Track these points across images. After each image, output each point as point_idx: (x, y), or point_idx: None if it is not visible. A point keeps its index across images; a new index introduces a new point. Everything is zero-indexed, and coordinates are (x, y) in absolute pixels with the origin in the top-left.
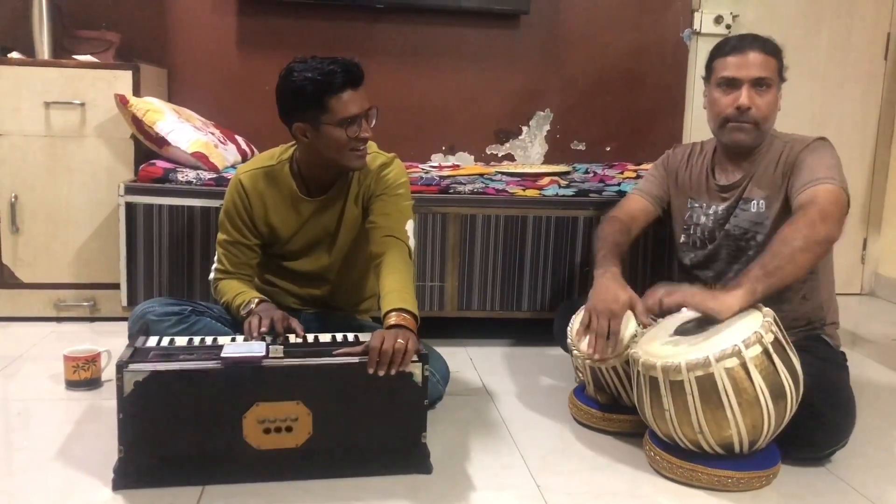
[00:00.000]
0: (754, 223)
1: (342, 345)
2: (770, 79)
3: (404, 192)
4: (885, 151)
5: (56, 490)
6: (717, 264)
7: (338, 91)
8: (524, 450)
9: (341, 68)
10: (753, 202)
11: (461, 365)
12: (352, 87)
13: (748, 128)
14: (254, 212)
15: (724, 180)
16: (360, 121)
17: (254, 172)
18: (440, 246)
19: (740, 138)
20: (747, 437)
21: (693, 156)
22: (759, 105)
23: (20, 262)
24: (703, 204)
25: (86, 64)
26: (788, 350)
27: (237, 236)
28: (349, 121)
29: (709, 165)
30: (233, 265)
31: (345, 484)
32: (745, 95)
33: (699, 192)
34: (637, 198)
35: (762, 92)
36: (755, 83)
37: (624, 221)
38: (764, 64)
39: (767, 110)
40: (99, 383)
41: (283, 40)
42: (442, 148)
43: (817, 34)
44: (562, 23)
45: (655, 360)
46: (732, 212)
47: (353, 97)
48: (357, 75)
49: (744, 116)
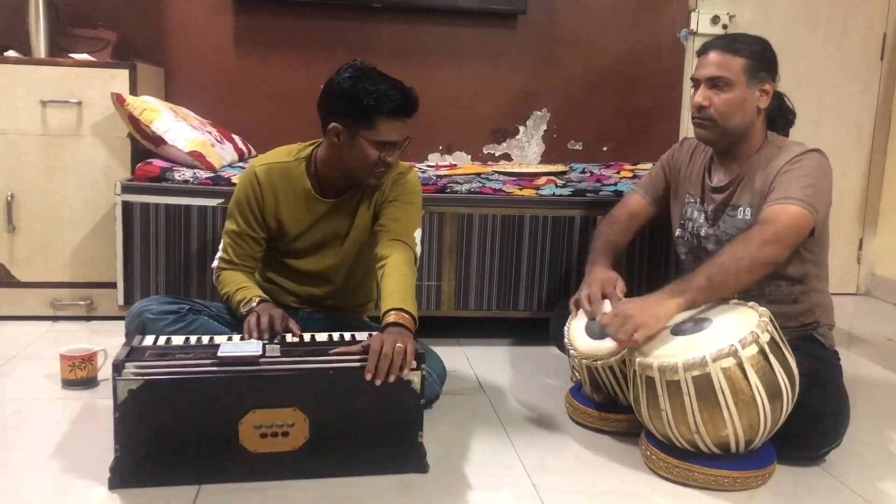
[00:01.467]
0: (741, 230)
1: (339, 344)
2: (727, 78)
3: (417, 201)
4: (881, 152)
5: (52, 489)
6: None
7: (391, 115)
8: (521, 449)
9: (402, 96)
10: (741, 209)
11: (458, 364)
12: (405, 116)
13: (707, 124)
14: (265, 205)
15: (716, 181)
16: (395, 148)
17: (270, 166)
18: (437, 245)
19: (701, 134)
20: (744, 437)
21: (697, 152)
22: (715, 103)
23: (16, 260)
24: (697, 200)
25: (82, 63)
26: (784, 350)
27: (245, 228)
28: (387, 145)
29: (706, 164)
30: (237, 256)
31: (341, 483)
32: (699, 94)
33: (696, 189)
34: (635, 196)
35: (720, 91)
36: (711, 82)
37: (622, 220)
38: (721, 63)
39: (725, 108)
40: (95, 382)
41: (279, 39)
42: (439, 147)
43: (813, 34)
44: (559, 23)
45: (652, 359)
46: (720, 216)
47: (399, 126)
48: (413, 108)
49: (701, 114)
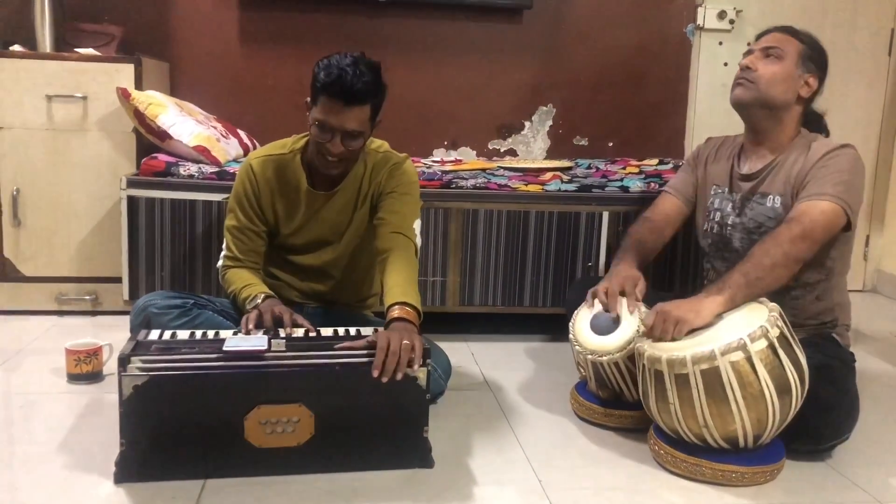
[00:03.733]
0: (769, 218)
1: (344, 339)
2: (780, 50)
3: (414, 192)
4: (889, 148)
5: (58, 483)
6: (731, 255)
7: (329, 95)
8: (526, 445)
9: (339, 76)
10: (770, 197)
11: (463, 360)
12: (341, 101)
13: (749, 85)
14: (262, 197)
15: (746, 168)
16: (334, 134)
17: (265, 159)
18: (442, 241)
19: (739, 94)
20: (752, 432)
21: (724, 147)
22: (762, 69)
23: (22, 255)
24: (725, 190)
25: (88, 57)
26: (794, 345)
27: (245, 222)
28: (319, 125)
29: (736, 154)
30: (241, 252)
31: (346, 478)
32: (750, 58)
33: (723, 180)
34: (669, 197)
35: (769, 61)
36: (765, 51)
37: (655, 221)
38: (780, 39)
39: (771, 76)
40: (100, 377)
41: (285, 34)
42: (444, 143)
43: (820, 30)
44: (565, 18)
45: (660, 353)
46: (748, 203)
47: (336, 109)
48: (347, 93)
49: (746, 74)
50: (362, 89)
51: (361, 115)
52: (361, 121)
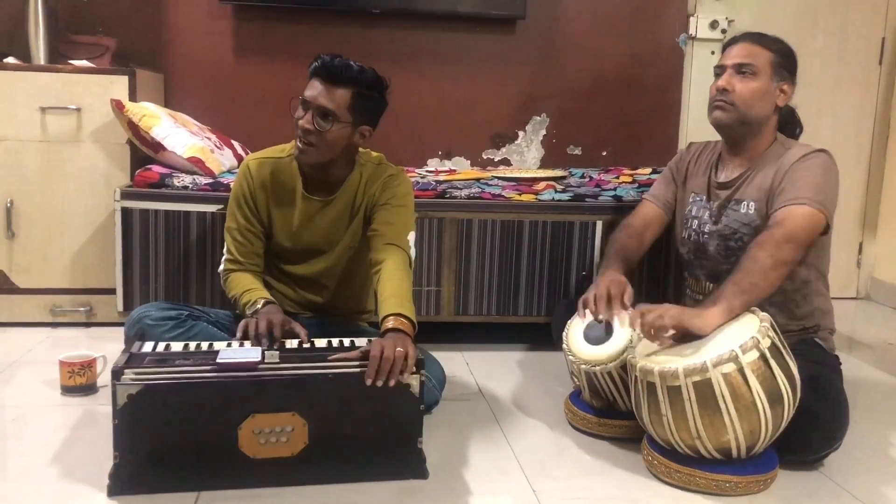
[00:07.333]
0: (743, 224)
1: (338, 350)
2: (753, 66)
3: (408, 204)
4: (881, 156)
5: (51, 496)
6: (709, 262)
7: (314, 74)
8: (520, 455)
9: (326, 61)
10: (744, 203)
11: (457, 370)
12: (321, 77)
13: (726, 107)
14: (258, 198)
15: (723, 177)
16: (307, 110)
17: (262, 160)
18: (436, 251)
19: (719, 117)
20: (745, 442)
21: (704, 153)
22: (738, 89)
23: (16, 267)
24: (703, 198)
25: (82, 69)
26: (785, 355)
27: (244, 223)
28: (301, 102)
29: (714, 162)
30: (241, 254)
31: (341, 489)
32: (724, 78)
33: (702, 187)
34: (649, 204)
35: (744, 78)
36: (737, 69)
37: (635, 227)
38: (750, 52)
39: (748, 95)
40: (94, 389)
41: (278, 45)
42: (438, 153)
43: (812, 39)
44: (558, 28)
45: (653, 365)
46: (724, 211)
47: (315, 85)
48: (328, 72)
49: (723, 96)
50: (344, 71)
51: (338, 98)
52: (337, 103)
